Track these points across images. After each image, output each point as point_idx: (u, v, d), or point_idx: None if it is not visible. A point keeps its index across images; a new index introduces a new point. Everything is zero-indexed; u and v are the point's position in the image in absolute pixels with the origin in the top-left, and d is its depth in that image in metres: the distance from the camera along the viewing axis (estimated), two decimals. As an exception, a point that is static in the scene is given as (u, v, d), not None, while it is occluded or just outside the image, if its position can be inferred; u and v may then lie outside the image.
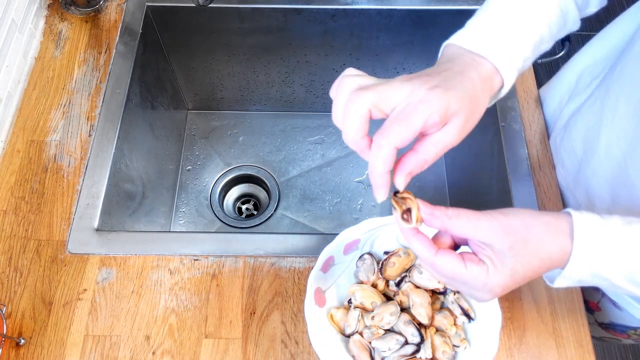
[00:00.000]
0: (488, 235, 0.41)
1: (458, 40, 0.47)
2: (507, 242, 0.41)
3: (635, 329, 0.71)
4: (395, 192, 0.44)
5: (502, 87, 0.46)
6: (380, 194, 0.41)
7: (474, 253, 0.43)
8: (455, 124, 0.41)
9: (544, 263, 0.41)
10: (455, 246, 0.45)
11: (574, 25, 0.53)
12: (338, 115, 0.42)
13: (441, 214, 0.42)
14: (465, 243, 0.44)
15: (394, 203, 0.43)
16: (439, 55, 0.48)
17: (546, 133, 0.76)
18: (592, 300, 0.71)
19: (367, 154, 0.41)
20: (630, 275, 0.41)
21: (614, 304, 0.68)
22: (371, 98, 0.40)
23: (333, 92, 0.43)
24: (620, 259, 0.41)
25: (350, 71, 0.44)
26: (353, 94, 0.41)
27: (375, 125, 0.42)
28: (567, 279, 0.43)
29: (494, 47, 0.45)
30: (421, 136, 0.42)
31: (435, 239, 0.45)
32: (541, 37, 0.49)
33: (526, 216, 0.42)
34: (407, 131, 0.39)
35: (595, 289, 0.69)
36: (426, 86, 0.40)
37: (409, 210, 0.43)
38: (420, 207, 0.43)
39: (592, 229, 0.41)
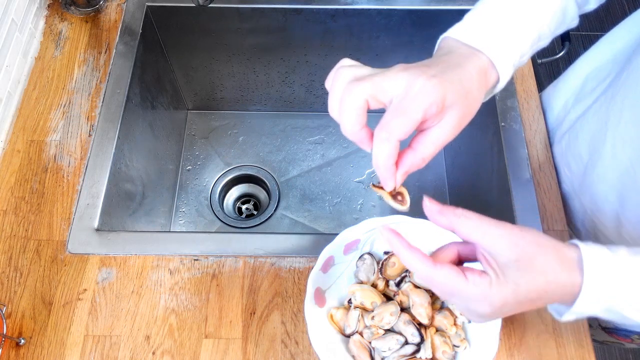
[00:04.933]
0: (496, 244, 0.40)
1: (455, 33, 0.46)
2: (513, 254, 0.40)
3: (639, 333, 0.70)
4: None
5: (497, 82, 0.46)
6: (389, 185, 0.41)
7: (472, 269, 0.41)
8: (452, 118, 0.41)
9: (549, 286, 0.40)
10: (459, 262, 0.44)
11: (572, 22, 0.52)
12: (334, 106, 0.41)
13: (449, 211, 0.41)
14: (472, 257, 0.43)
15: (375, 189, 0.43)
16: (436, 48, 0.47)
17: (547, 133, 0.76)
18: None
19: (366, 145, 0.41)
20: None
21: None
22: (368, 89, 0.40)
23: (328, 83, 0.43)
24: (631, 291, 0.40)
25: (345, 62, 0.43)
26: (349, 85, 0.40)
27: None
28: (576, 314, 0.41)
29: (490, 41, 0.45)
30: (418, 132, 0.42)
31: (435, 255, 0.44)
32: (539, 33, 0.48)
33: (540, 236, 0.41)
34: (408, 124, 0.39)
35: None
36: (424, 76, 0.40)
37: (399, 194, 0.42)
38: (427, 204, 0.42)
39: (602, 262, 0.40)
